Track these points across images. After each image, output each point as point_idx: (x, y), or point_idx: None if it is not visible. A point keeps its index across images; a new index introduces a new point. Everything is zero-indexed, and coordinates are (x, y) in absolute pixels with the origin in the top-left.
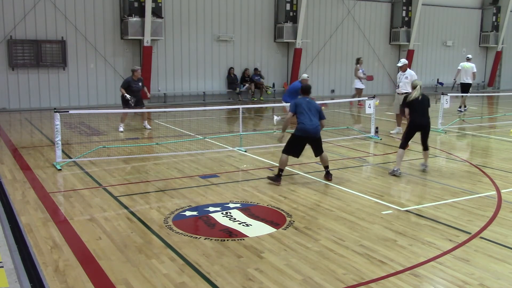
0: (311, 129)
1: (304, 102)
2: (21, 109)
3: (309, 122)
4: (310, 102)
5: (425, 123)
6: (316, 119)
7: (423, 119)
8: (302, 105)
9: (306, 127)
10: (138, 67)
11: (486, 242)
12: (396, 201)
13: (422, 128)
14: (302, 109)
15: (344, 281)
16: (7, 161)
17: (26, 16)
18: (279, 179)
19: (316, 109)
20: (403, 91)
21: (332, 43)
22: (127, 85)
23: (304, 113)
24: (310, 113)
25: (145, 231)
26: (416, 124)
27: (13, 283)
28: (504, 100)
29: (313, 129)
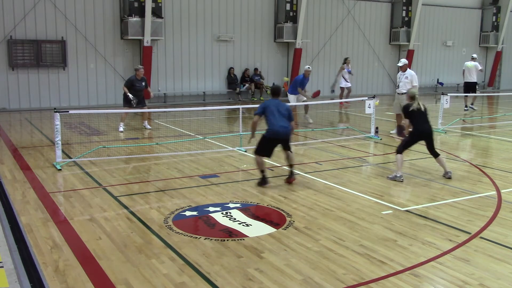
0: (280, 130)
1: (273, 104)
2: (21, 109)
3: (278, 123)
4: (280, 104)
5: (428, 130)
6: (286, 121)
7: (426, 126)
8: (270, 106)
9: (275, 128)
10: (141, 66)
11: (486, 242)
12: (396, 201)
13: (426, 136)
14: (270, 111)
15: (344, 281)
16: (7, 161)
17: (26, 16)
18: (265, 180)
19: (286, 111)
20: (403, 91)
21: (332, 43)
22: (130, 84)
23: (274, 114)
24: (280, 115)
25: (145, 231)
26: (420, 132)
27: (13, 283)
28: (504, 100)
29: (283, 131)
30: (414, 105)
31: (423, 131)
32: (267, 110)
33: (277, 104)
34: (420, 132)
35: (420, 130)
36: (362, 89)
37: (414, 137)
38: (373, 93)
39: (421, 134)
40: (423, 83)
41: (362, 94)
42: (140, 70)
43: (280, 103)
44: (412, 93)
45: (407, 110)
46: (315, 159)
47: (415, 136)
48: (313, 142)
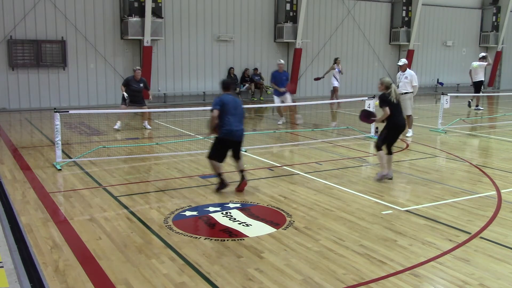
0: (237, 133)
1: (231, 100)
2: (21, 109)
3: (236, 125)
4: (237, 101)
5: (404, 122)
6: (241, 120)
7: (401, 118)
8: (229, 103)
9: (232, 129)
10: (138, 68)
11: (486, 242)
12: (396, 201)
13: (402, 129)
14: (228, 109)
15: (344, 281)
16: (7, 161)
17: (26, 16)
18: (223, 183)
19: (242, 109)
20: (403, 91)
21: (332, 43)
22: (126, 83)
23: (231, 113)
24: (236, 114)
25: (145, 231)
26: (397, 124)
27: (13, 283)
28: (504, 100)
29: (240, 133)
30: (392, 95)
31: (401, 123)
32: (226, 106)
33: (234, 101)
34: (398, 124)
35: (398, 122)
36: (362, 89)
37: (392, 129)
38: (373, 93)
39: (399, 126)
40: (423, 83)
41: (362, 94)
42: (137, 71)
43: (236, 100)
44: (387, 82)
45: (387, 99)
46: (315, 159)
47: (393, 128)
48: (313, 142)
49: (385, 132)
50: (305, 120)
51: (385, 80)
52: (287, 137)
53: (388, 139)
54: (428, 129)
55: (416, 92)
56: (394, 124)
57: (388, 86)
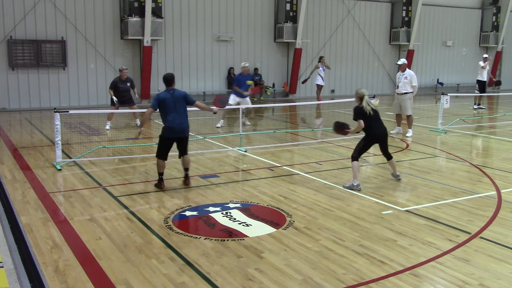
0: (178, 127)
1: (168, 97)
2: (21, 109)
3: (176, 120)
4: (175, 93)
5: (384, 132)
6: (183, 115)
7: (381, 128)
8: (166, 100)
9: (173, 125)
10: (125, 68)
11: (486, 242)
12: (396, 201)
13: (382, 138)
14: (166, 106)
15: (344, 281)
16: (7, 161)
17: (26, 16)
18: (161, 183)
19: (182, 100)
20: (403, 91)
21: (332, 43)
22: (114, 85)
23: (171, 110)
24: (176, 110)
25: (145, 231)
26: (376, 134)
27: (13, 283)
28: (504, 100)
29: (181, 127)
30: (367, 107)
31: (379, 133)
32: (163, 104)
33: (173, 96)
34: (376, 135)
35: (375, 133)
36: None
37: (370, 141)
38: (373, 93)
39: (377, 136)
40: (423, 83)
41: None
42: (124, 71)
43: (175, 92)
44: (360, 93)
45: (361, 111)
46: (315, 159)
47: (371, 139)
48: (313, 142)
49: (362, 143)
50: (305, 120)
51: (359, 92)
52: (287, 137)
53: (365, 149)
54: (428, 129)
55: (416, 92)
56: (372, 135)
57: (361, 98)
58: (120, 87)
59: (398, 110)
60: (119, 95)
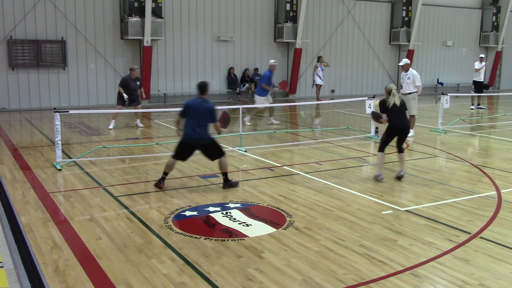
0: (193, 135)
1: (194, 105)
2: (21, 109)
3: (191, 128)
4: (201, 103)
5: (405, 126)
6: (200, 126)
7: (402, 122)
8: (190, 108)
9: (189, 133)
10: (136, 67)
11: (486, 242)
12: (396, 201)
13: (401, 132)
14: (190, 113)
15: (344, 281)
16: (7, 161)
17: (26, 16)
18: (161, 182)
19: (205, 113)
20: (407, 91)
21: (332, 43)
22: (125, 83)
23: (191, 118)
24: (196, 119)
25: (145, 231)
26: (396, 127)
27: (13, 283)
28: (504, 100)
29: (196, 136)
30: (390, 101)
31: (399, 126)
32: (187, 111)
33: (198, 105)
34: (397, 128)
35: (397, 126)
36: (362, 89)
37: (391, 133)
38: (373, 93)
39: (397, 129)
40: (423, 83)
41: (362, 94)
42: (135, 70)
43: (202, 102)
44: (388, 88)
45: (384, 106)
46: (315, 159)
47: (392, 132)
48: (313, 142)
49: (385, 135)
50: (305, 120)
51: (387, 86)
52: (287, 137)
53: (388, 141)
54: (428, 129)
55: (420, 91)
56: (391, 127)
57: (389, 92)
58: (131, 85)
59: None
60: (128, 93)
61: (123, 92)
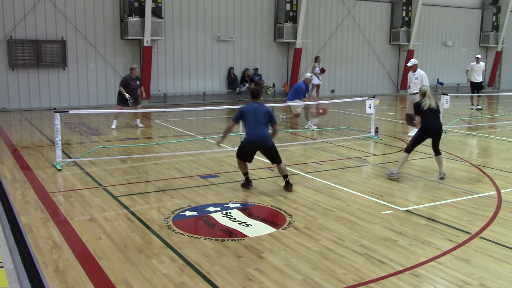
0: (256, 139)
1: (251, 110)
2: (21, 109)
3: (254, 132)
4: (259, 108)
5: (438, 128)
6: (263, 128)
7: (436, 124)
8: (247, 113)
9: (251, 137)
10: (136, 66)
11: (486, 242)
12: (396, 201)
13: (434, 134)
14: (247, 118)
15: (344, 281)
16: (7, 161)
17: (26, 16)
18: (248, 183)
19: (265, 115)
20: (414, 91)
21: (332, 43)
22: (125, 83)
23: (250, 121)
24: (256, 122)
25: (145, 231)
26: (429, 129)
27: (13, 283)
28: (504, 100)
29: (259, 139)
30: (426, 102)
31: (432, 128)
32: (244, 116)
33: (255, 109)
34: (429, 130)
35: (429, 128)
36: (362, 89)
37: (422, 135)
38: (373, 93)
39: (429, 131)
40: None
41: (362, 94)
42: (136, 70)
43: (259, 107)
44: (423, 90)
45: (419, 108)
46: (315, 159)
47: (424, 134)
48: (313, 142)
49: (416, 136)
50: (304, 119)
51: (421, 89)
52: (287, 137)
53: (418, 142)
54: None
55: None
56: (423, 129)
57: (423, 94)
58: (131, 85)
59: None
60: (128, 93)
61: (124, 92)
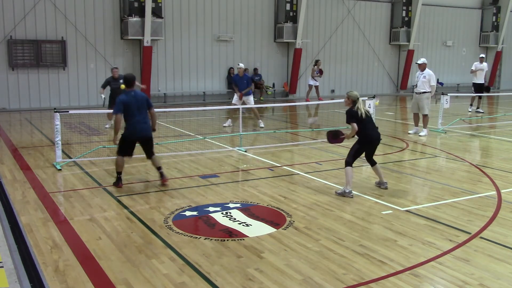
0: (142, 130)
1: (132, 100)
2: (21, 109)
3: (138, 122)
4: (137, 96)
5: (378, 136)
6: (146, 116)
7: (375, 132)
8: (131, 105)
9: (136, 129)
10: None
11: (486, 242)
12: (396, 201)
13: (376, 142)
14: (131, 109)
15: (344, 281)
16: (7, 161)
17: (26, 16)
18: (119, 182)
19: (144, 102)
20: (421, 90)
21: (332, 43)
22: (106, 84)
23: (134, 113)
24: (139, 112)
25: (145, 231)
26: (371, 138)
27: (13, 283)
28: (504, 100)
29: (145, 130)
30: (360, 109)
31: (373, 137)
32: (127, 109)
33: (134, 98)
34: (371, 139)
35: (371, 137)
36: (362, 89)
37: (364, 144)
38: (373, 93)
39: (372, 140)
40: None
41: (362, 94)
42: (114, 70)
43: (137, 94)
44: (353, 96)
45: (354, 114)
46: (315, 159)
47: (365, 143)
48: (313, 142)
49: (356, 147)
50: (304, 119)
51: (352, 94)
52: (287, 137)
53: (359, 154)
54: (428, 129)
55: (433, 92)
56: (366, 138)
57: (354, 101)
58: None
59: (416, 109)
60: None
61: (101, 93)
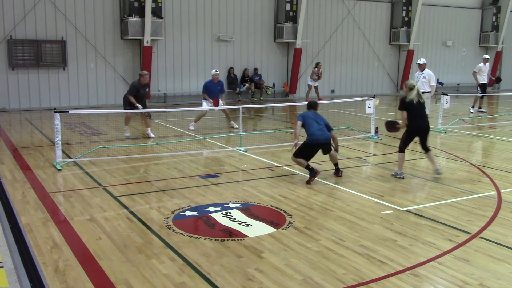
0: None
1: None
2: (21, 109)
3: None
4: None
5: (425, 124)
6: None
7: (423, 120)
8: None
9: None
10: (146, 72)
11: (486, 242)
12: (396, 201)
13: (422, 131)
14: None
15: (344, 281)
16: (7, 161)
17: (26, 16)
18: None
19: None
20: (421, 90)
21: (332, 43)
22: (135, 91)
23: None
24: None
25: (145, 231)
26: (417, 126)
27: (13, 283)
28: (504, 100)
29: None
30: (412, 97)
31: (419, 126)
32: (307, 119)
33: (314, 115)
34: (417, 127)
35: (417, 125)
36: (362, 89)
37: (411, 132)
38: (373, 93)
39: (417, 129)
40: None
41: (362, 94)
42: (145, 77)
43: (317, 114)
44: (409, 84)
45: (404, 103)
46: (315, 159)
47: (412, 131)
48: None
49: (405, 135)
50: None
51: (408, 83)
52: (287, 137)
53: (408, 141)
54: None
55: (433, 92)
56: (412, 126)
57: (411, 88)
58: (142, 92)
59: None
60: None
61: (135, 103)
